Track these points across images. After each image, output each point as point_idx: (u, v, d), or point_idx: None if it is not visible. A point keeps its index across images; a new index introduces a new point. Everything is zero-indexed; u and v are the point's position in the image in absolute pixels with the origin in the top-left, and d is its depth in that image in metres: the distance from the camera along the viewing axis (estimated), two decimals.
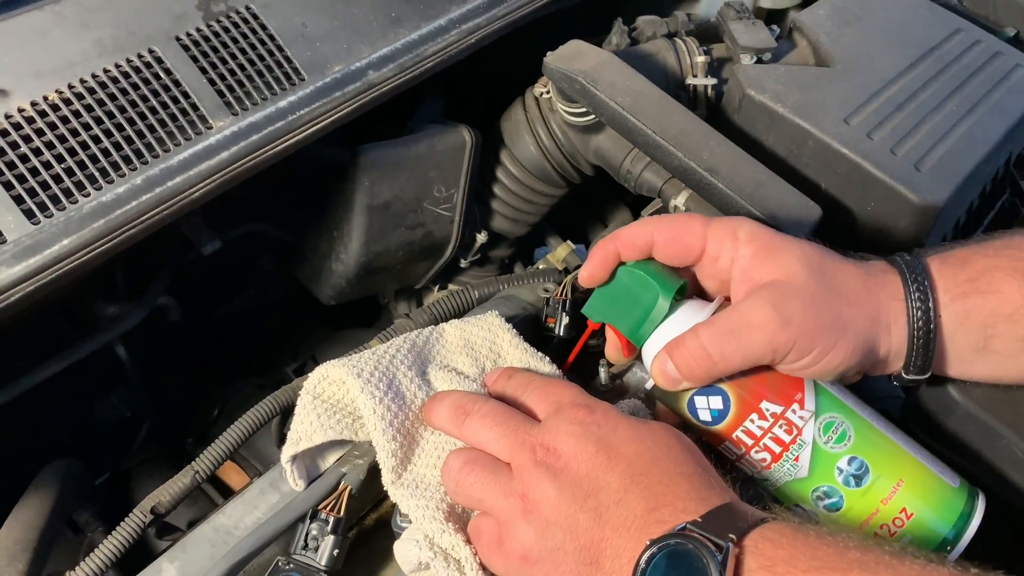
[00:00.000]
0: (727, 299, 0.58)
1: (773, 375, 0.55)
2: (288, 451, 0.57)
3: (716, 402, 0.56)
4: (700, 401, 0.56)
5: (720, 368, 0.54)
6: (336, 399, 0.59)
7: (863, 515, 0.53)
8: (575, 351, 0.67)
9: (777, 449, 0.54)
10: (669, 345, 0.55)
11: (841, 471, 0.53)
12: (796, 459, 0.54)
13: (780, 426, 0.54)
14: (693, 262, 0.58)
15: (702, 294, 0.61)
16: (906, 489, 0.53)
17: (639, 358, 0.62)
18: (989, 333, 0.55)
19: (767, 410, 0.54)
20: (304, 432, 0.57)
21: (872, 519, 0.53)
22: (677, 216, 0.59)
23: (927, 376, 0.56)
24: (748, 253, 0.55)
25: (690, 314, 0.56)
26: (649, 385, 0.59)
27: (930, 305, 0.54)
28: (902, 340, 0.55)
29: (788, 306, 0.52)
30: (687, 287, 0.59)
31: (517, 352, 0.64)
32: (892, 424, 0.57)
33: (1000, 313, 0.54)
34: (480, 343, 0.64)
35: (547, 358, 0.63)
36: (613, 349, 0.63)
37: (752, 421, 0.54)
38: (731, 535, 0.43)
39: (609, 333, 0.63)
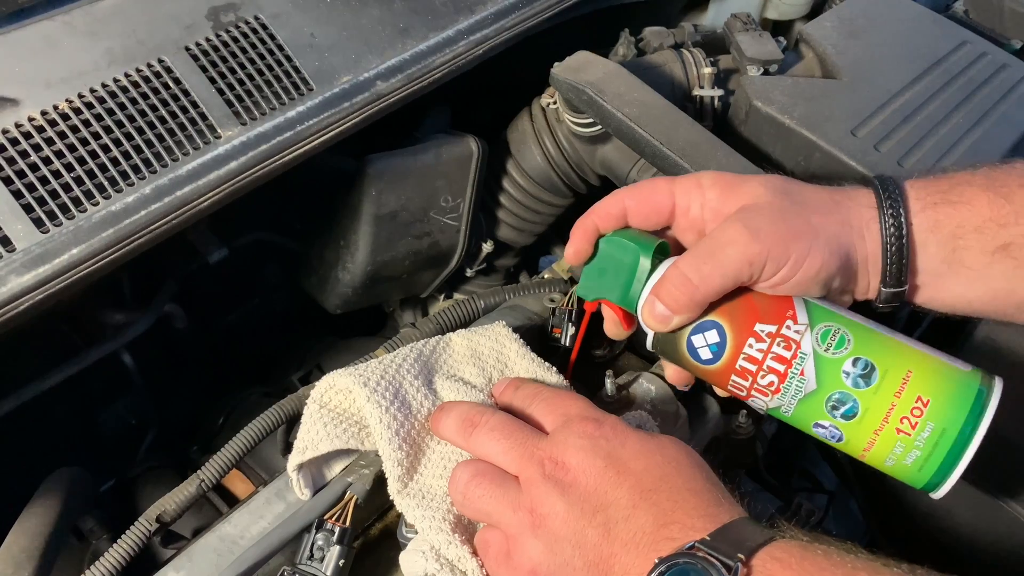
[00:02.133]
0: None
1: (761, 298, 0.55)
2: (294, 460, 0.57)
3: (712, 336, 0.56)
4: (697, 340, 0.56)
5: (702, 291, 0.54)
6: (343, 408, 0.59)
7: (880, 414, 0.52)
8: (578, 341, 0.67)
9: (781, 368, 0.54)
10: (655, 287, 0.56)
11: (848, 374, 0.53)
12: (802, 373, 0.54)
13: (778, 344, 0.54)
14: (667, 220, 0.59)
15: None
16: (917, 378, 0.52)
17: (637, 333, 0.62)
18: (958, 244, 0.55)
19: (762, 331, 0.54)
20: (310, 441, 0.57)
21: (891, 415, 0.52)
22: (645, 181, 0.61)
23: (904, 289, 0.56)
24: (714, 195, 0.57)
25: None
26: (649, 342, 0.59)
27: (900, 211, 0.54)
28: (876, 246, 0.55)
29: (756, 220, 0.54)
30: (668, 246, 0.60)
31: (524, 362, 0.64)
32: (889, 327, 0.56)
33: (969, 224, 0.54)
34: (487, 353, 0.64)
35: (554, 368, 0.63)
36: (612, 325, 0.63)
37: (750, 346, 0.54)
38: (740, 555, 0.42)
39: (606, 310, 0.63)
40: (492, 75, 0.84)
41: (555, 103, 0.85)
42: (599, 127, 0.79)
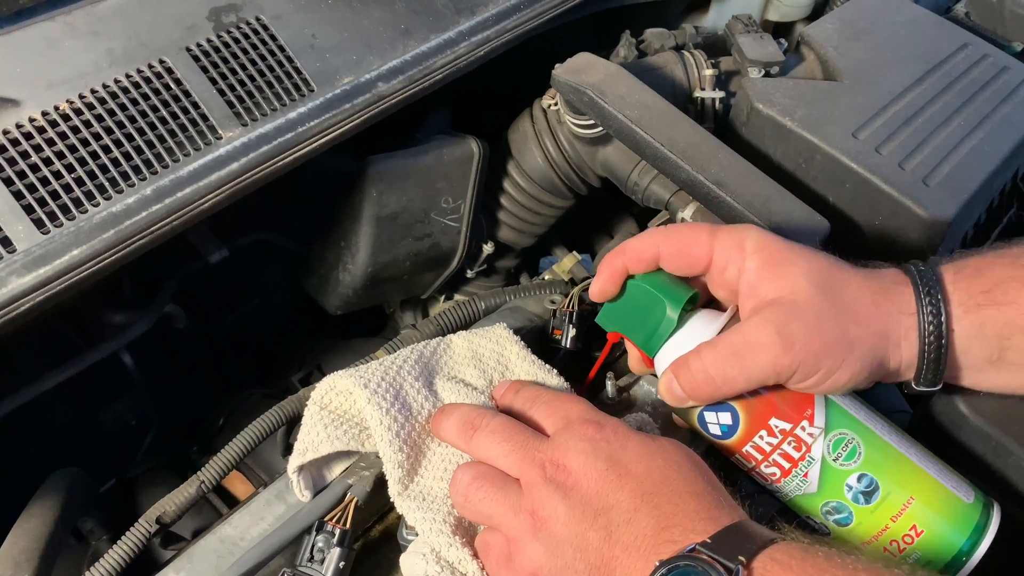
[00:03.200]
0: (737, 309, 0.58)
1: (783, 392, 0.55)
2: (295, 461, 0.57)
3: (725, 418, 0.56)
4: (710, 416, 0.56)
5: (724, 391, 0.54)
6: (343, 410, 0.59)
7: (872, 531, 0.53)
8: (595, 367, 0.66)
9: (786, 465, 0.54)
10: (674, 365, 0.55)
11: (850, 488, 0.53)
12: (805, 475, 0.54)
13: (789, 443, 0.54)
14: (701, 273, 0.58)
15: (713, 301, 0.60)
16: (917, 506, 0.53)
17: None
18: (1004, 345, 0.54)
19: (776, 427, 0.54)
20: (311, 443, 0.57)
21: (881, 535, 0.53)
22: (683, 227, 0.58)
23: (938, 388, 0.56)
24: (754, 265, 0.55)
25: (700, 326, 0.56)
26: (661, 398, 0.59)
27: (942, 320, 0.53)
28: (913, 354, 0.54)
29: (792, 328, 0.52)
30: (698, 297, 0.58)
31: (525, 364, 0.64)
32: (906, 436, 0.56)
33: (1016, 324, 0.53)
34: (488, 355, 0.64)
35: (555, 371, 0.63)
36: (635, 361, 0.63)
37: (761, 437, 0.54)
38: (741, 557, 0.42)
39: (629, 345, 0.63)
40: (493, 76, 0.84)
41: (556, 104, 0.85)
42: (600, 129, 0.79)
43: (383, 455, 0.56)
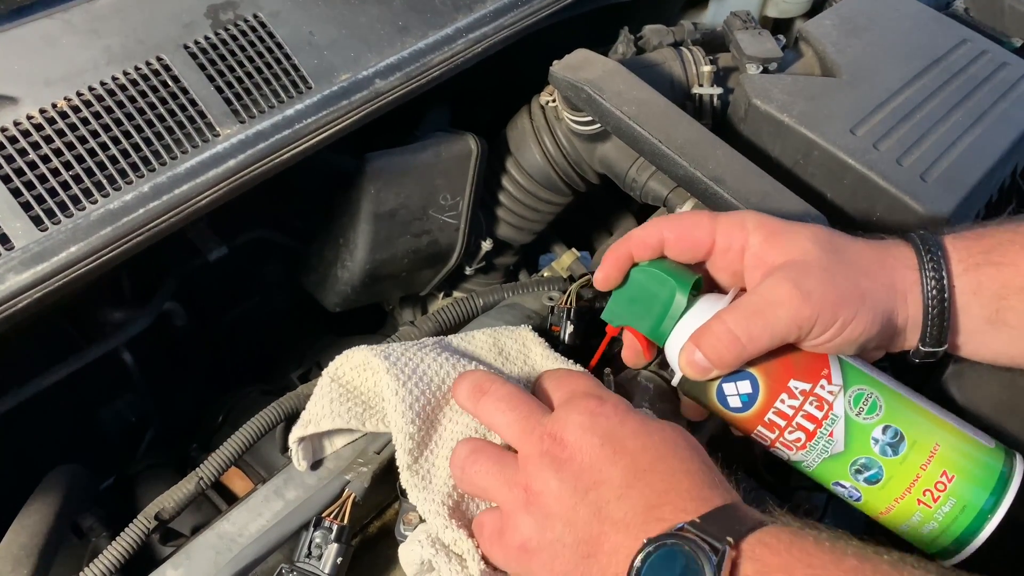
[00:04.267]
0: (742, 289, 0.58)
1: (797, 354, 0.55)
2: (297, 432, 0.59)
3: (744, 387, 0.55)
4: (729, 388, 0.56)
5: (749, 350, 0.54)
6: (355, 384, 0.60)
7: (905, 483, 0.53)
8: (595, 359, 0.66)
9: (810, 427, 0.54)
10: (695, 335, 0.55)
11: (877, 441, 0.53)
12: (831, 434, 0.54)
13: (811, 403, 0.54)
14: (704, 257, 0.58)
15: (714, 288, 0.61)
16: (943, 452, 0.53)
17: (659, 358, 0.62)
18: (1002, 305, 0.54)
19: (796, 388, 0.54)
20: (314, 415, 0.58)
21: (914, 486, 0.52)
22: (685, 214, 0.60)
23: (943, 349, 0.56)
24: (758, 240, 0.56)
25: (709, 306, 0.56)
26: (676, 380, 0.58)
27: (943, 274, 0.54)
28: (918, 310, 0.55)
29: (807, 281, 0.53)
30: (702, 282, 0.59)
31: (547, 362, 0.64)
32: (918, 393, 0.56)
33: (1013, 284, 0.54)
34: (511, 349, 0.65)
35: (579, 366, 0.63)
36: (632, 353, 0.63)
37: (782, 401, 0.54)
38: (729, 538, 0.42)
39: (627, 337, 0.62)
40: (492, 73, 0.84)
41: (554, 101, 0.85)
42: (598, 125, 0.79)
43: (394, 425, 0.56)
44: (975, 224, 0.58)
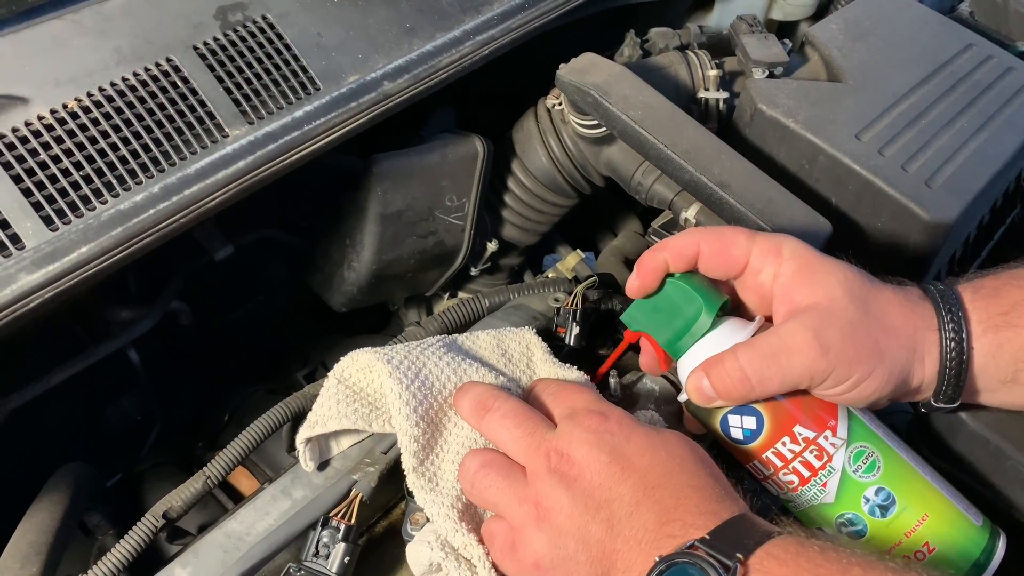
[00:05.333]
0: (767, 319, 0.58)
1: (808, 399, 0.55)
2: (304, 433, 0.59)
3: (749, 422, 0.56)
4: (733, 420, 0.56)
5: (757, 391, 0.54)
6: (361, 386, 0.60)
7: (885, 545, 0.53)
8: (607, 364, 0.67)
9: (806, 473, 0.54)
10: (706, 363, 0.55)
11: (868, 500, 0.53)
12: (824, 485, 0.54)
13: (811, 451, 0.54)
14: (736, 275, 0.58)
15: (740, 308, 0.61)
16: (930, 523, 0.53)
17: (672, 371, 0.62)
18: (1019, 367, 0.55)
19: (799, 434, 0.54)
20: (321, 416, 0.59)
21: (893, 551, 0.53)
22: (723, 228, 0.59)
23: (956, 404, 0.56)
24: (790, 271, 0.55)
25: (730, 332, 0.56)
26: (683, 398, 0.59)
27: (963, 337, 0.54)
28: (934, 370, 0.55)
29: (828, 333, 0.53)
30: (728, 304, 0.59)
31: (548, 367, 0.64)
32: (920, 457, 0.57)
33: None
34: (514, 351, 0.65)
35: (582, 372, 0.63)
36: (650, 361, 0.63)
37: (784, 444, 0.55)
38: (738, 555, 0.43)
39: (645, 344, 0.63)
40: (499, 75, 0.85)
41: (560, 104, 0.85)
42: (604, 129, 0.79)
43: (398, 428, 0.56)
44: (987, 274, 0.58)
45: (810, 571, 0.43)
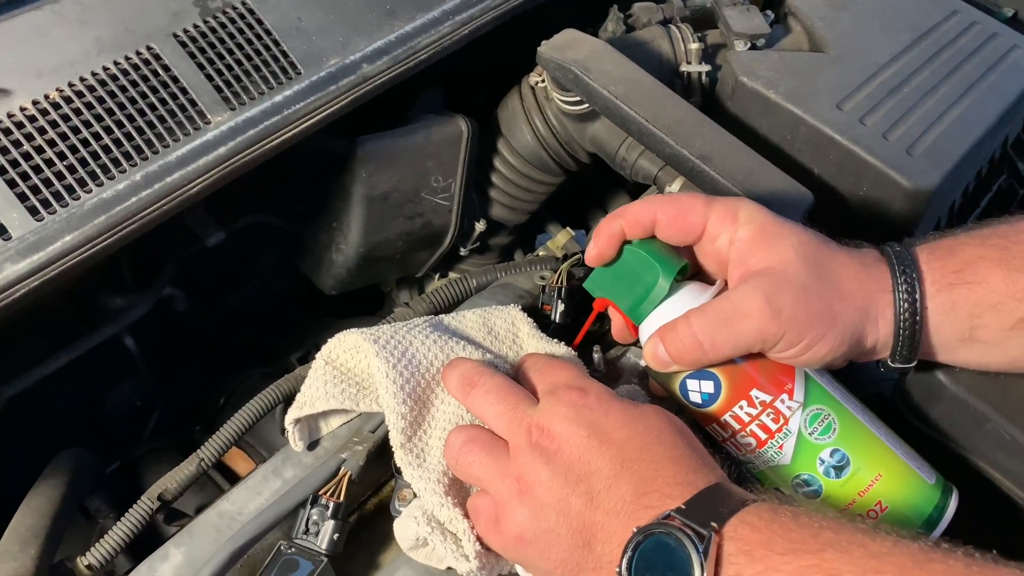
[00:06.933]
0: (726, 284, 0.59)
1: (765, 363, 0.56)
2: (292, 414, 0.60)
3: (707, 386, 0.57)
4: (692, 384, 0.57)
5: (710, 356, 0.55)
6: (349, 366, 0.61)
7: (839, 504, 0.55)
8: (581, 334, 0.67)
9: (763, 436, 0.55)
10: (661, 330, 0.56)
11: (823, 462, 0.54)
12: (780, 447, 0.55)
13: (768, 414, 0.55)
14: (694, 241, 0.59)
15: (701, 274, 0.61)
16: (884, 483, 0.54)
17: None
18: (975, 323, 0.55)
19: (756, 398, 0.55)
20: (309, 397, 0.59)
21: (847, 509, 0.54)
22: (680, 195, 0.59)
23: (913, 364, 0.57)
24: (745, 236, 0.56)
25: (689, 297, 0.57)
26: (643, 364, 0.60)
27: (916, 297, 0.54)
28: (889, 331, 0.56)
29: (780, 297, 0.53)
30: (688, 268, 0.59)
31: (534, 341, 0.64)
32: (876, 417, 0.58)
33: (985, 303, 0.54)
34: (501, 329, 0.65)
35: (569, 348, 0.64)
36: (619, 328, 0.64)
37: (741, 407, 0.56)
38: (713, 523, 0.44)
39: (614, 313, 0.63)
40: (486, 54, 0.85)
41: (544, 82, 0.85)
42: (587, 105, 0.79)
43: (386, 406, 0.57)
44: (945, 235, 0.58)
45: (782, 536, 0.43)
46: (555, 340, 0.65)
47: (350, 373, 0.61)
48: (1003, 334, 0.55)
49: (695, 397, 0.57)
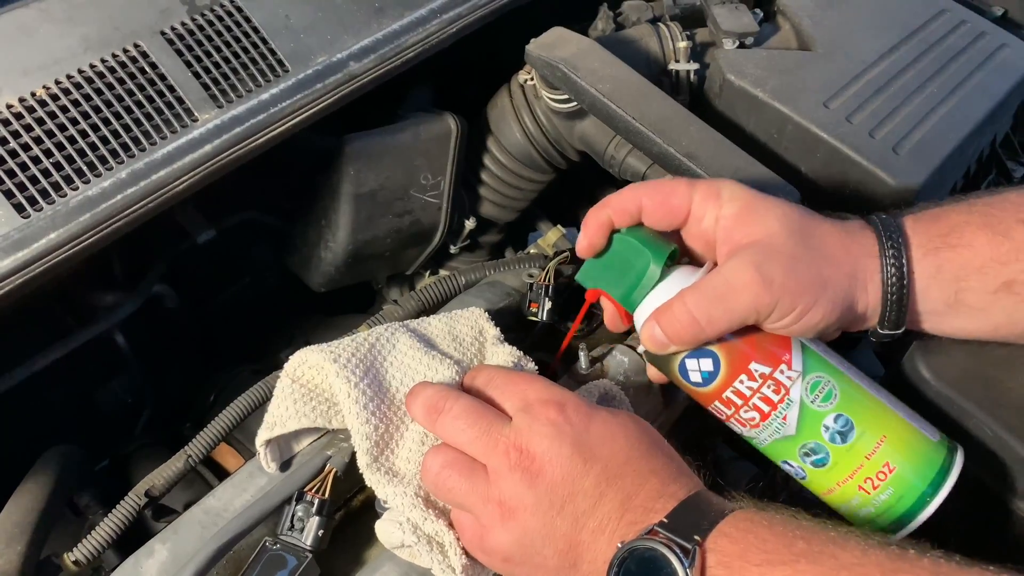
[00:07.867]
0: (715, 264, 0.59)
1: (761, 336, 0.56)
2: (263, 435, 0.59)
3: (706, 364, 0.57)
4: (691, 364, 0.57)
5: (708, 332, 0.55)
6: (315, 384, 0.60)
7: (848, 470, 0.55)
8: (574, 327, 0.68)
9: (766, 408, 0.55)
10: (656, 312, 0.56)
11: (827, 428, 0.55)
12: (784, 418, 0.55)
13: (768, 386, 0.55)
14: (680, 224, 0.59)
15: (690, 257, 0.62)
16: (889, 444, 0.54)
17: (630, 333, 0.63)
18: (960, 286, 0.55)
19: (756, 371, 0.55)
20: (279, 417, 0.58)
21: (857, 473, 0.55)
22: (663, 180, 0.60)
23: (902, 331, 0.57)
24: (730, 213, 0.56)
25: (680, 280, 0.58)
26: (641, 349, 0.60)
27: (903, 262, 0.55)
28: (877, 296, 0.56)
29: (770, 267, 0.54)
30: (678, 253, 0.60)
31: (497, 348, 0.63)
32: (875, 382, 0.58)
33: (971, 266, 0.55)
34: (465, 336, 0.65)
35: (528, 357, 0.63)
36: (612, 317, 0.64)
37: (741, 382, 0.56)
38: (696, 536, 0.44)
39: (606, 303, 0.63)
40: (476, 52, 0.85)
41: (532, 80, 0.85)
42: (575, 103, 0.79)
43: (351, 427, 0.57)
44: (933, 204, 0.59)
45: (757, 547, 0.44)
46: (512, 348, 0.63)
47: (318, 390, 0.60)
48: (988, 297, 0.55)
49: (695, 377, 0.57)
